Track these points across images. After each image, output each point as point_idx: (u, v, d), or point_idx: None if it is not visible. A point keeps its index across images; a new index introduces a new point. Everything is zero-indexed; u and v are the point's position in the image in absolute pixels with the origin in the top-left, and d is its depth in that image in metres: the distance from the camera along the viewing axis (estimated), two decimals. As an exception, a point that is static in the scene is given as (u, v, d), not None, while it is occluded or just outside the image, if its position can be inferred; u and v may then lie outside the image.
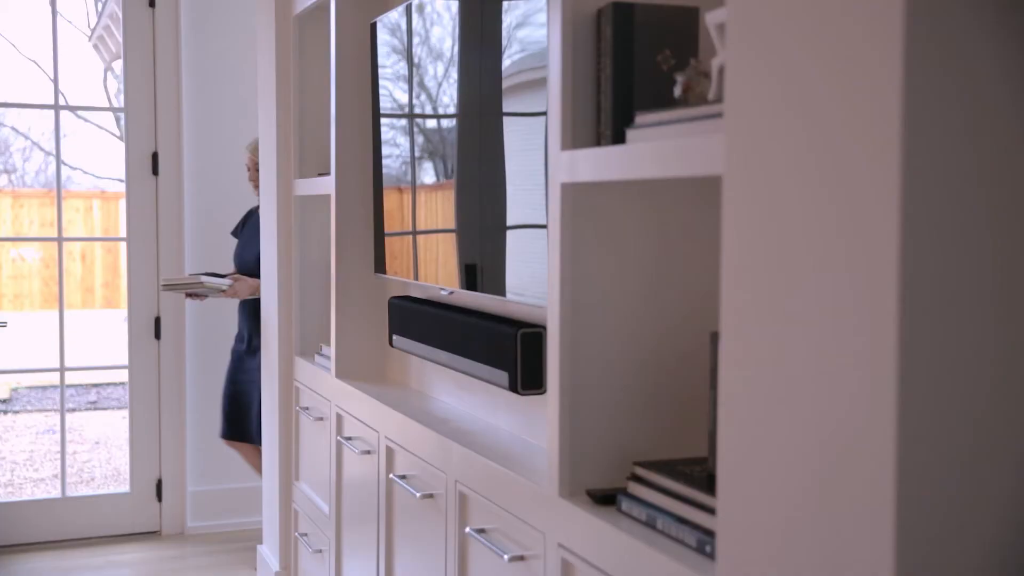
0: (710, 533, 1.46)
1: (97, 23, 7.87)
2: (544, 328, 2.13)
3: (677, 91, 1.57)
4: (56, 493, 5.99)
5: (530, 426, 2.27)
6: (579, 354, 1.77)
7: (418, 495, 2.38)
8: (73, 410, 8.71)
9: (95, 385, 9.25)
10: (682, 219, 1.81)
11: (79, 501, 4.66)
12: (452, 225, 2.51)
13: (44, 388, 9.21)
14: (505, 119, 2.21)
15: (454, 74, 2.47)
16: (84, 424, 8.04)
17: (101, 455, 7.06)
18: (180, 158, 4.57)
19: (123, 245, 4.62)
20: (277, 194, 3.62)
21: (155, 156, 4.58)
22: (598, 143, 1.74)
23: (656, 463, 1.67)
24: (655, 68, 1.70)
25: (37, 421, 8.07)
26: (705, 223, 1.82)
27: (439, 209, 2.60)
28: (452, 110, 2.50)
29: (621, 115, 1.69)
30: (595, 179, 1.66)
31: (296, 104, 3.53)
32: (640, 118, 1.59)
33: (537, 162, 2.07)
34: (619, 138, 1.68)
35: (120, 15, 4.77)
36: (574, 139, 1.74)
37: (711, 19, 1.48)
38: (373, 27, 2.95)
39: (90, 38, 10.87)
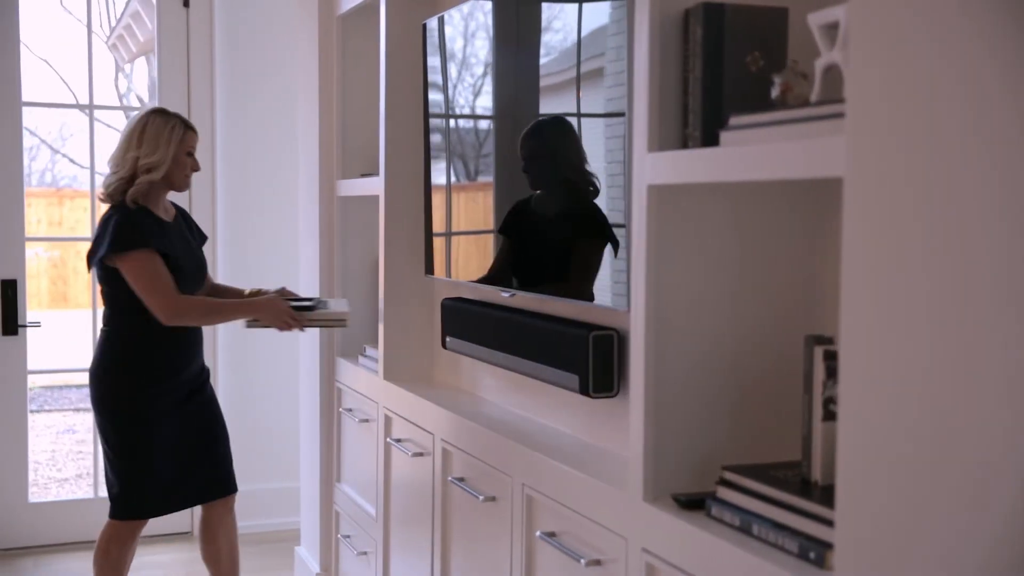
0: (812, 539, 1.45)
1: (117, 23, 7.86)
2: (615, 330, 2.11)
3: (774, 92, 1.56)
4: (87, 494, 5.99)
5: (594, 429, 2.25)
6: (663, 357, 1.76)
7: (480, 498, 2.37)
8: (90, 410, 8.70)
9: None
10: (765, 222, 1.80)
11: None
12: (513, 227, 2.50)
13: (60, 388, 9.20)
14: (573, 119, 2.20)
15: (514, 73, 2.46)
16: (103, 424, 8.03)
17: (123, 455, 7.05)
18: (213, 157, 4.56)
19: None
20: (319, 195, 3.61)
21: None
22: (684, 145, 1.72)
23: (746, 467, 1.65)
24: (744, 69, 1.69)
25: (56, 421, 8.06)
26: (788, 226, 1.80)
27: (498, 210, 2.58)
28: (516, 110, 2.49)
29: (711, 117, 1.67)
30: (685, 181, 1.65)
31: (339, 105, 3.52)
32: (735, 119, 1.57)
33: (610, 162, 2.06)
34: (709, 140, 1.67)
35: (143, 15, 4.76)
36: (660, 141, 1.73)
37: (815, 20, 1.46)
38: (424, 28, 2.94)
39: (108, 38, 10.86)
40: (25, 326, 4.40)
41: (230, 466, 3.23)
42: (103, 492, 5.30)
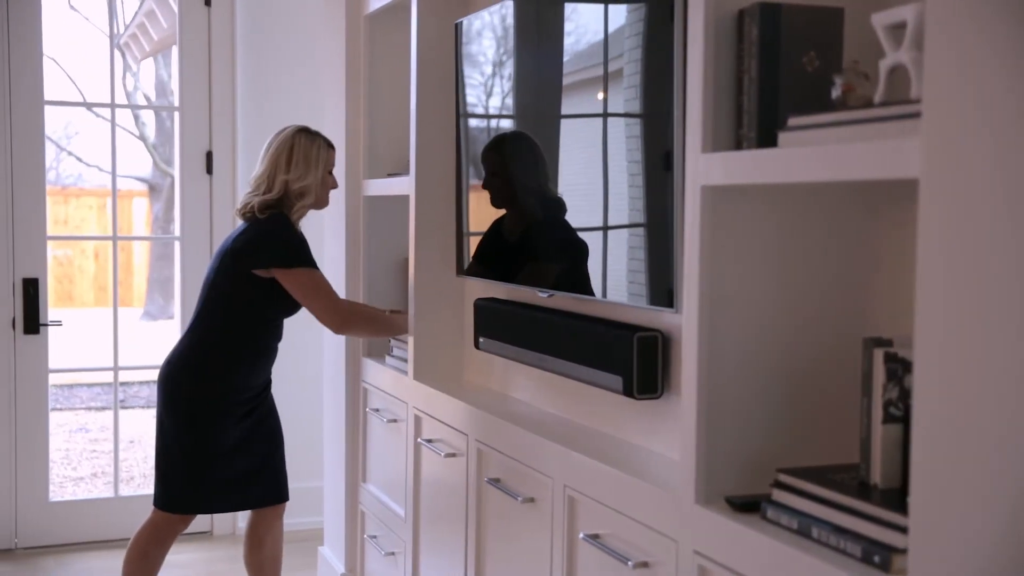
0: (876, 543, 1.44)
1: (131, 21, 7.86)
2: (659, 332, 2.10)
3: (835, 93, 1.55)
4: (103, 493, 6.00)
5: (636, 430, 2.24)
6: (715, 358, 1.75)
7: (519, 499, 2.36)
8: (102, 409, 8.70)
9: (120, 384, 9.24)
10: (815, 223, 1.79)
11: (132, 501, 4.65)
12: (550, 227, 2.49)
13: (71, 387, 9.20)
14: (610, 119, 2.19)
15: (553, 72, 2.45)
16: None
17: (137, 454, 7.04)
18: (234, 157, 4.56)
19: (136, 245, 4.61)
20: (345, 194, 3.60)
21: (209, 155, 4.57)
22: (738, 146, 1.72)
23: (802, 470, 1.64)
24: (800, 70, 1.68)
25: (67, 419, 8.05)
26: (838, 227, 1.79)
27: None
28: (550, 110, 2.48)
29: (767, 117, 1.66)
30: (742, 182, 1.64)
31: (366, 104, 3.51)
32: (794, 120, 1.56)
33: (642, 162, 2.05)
34: (765, 141, 1.65)
35: (158, 14, 4.75)
36: (714, 142, 1.72)
37: (880, 20, 1.45)
38: (457, 27, 2.93)
39: (121, 36, 10.85)
40: (47, 325, 4.40)
41: (285, 474, 3.26)
42: (124, 491, 5.33)
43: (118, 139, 4.52)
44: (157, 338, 10.85)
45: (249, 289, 3.03)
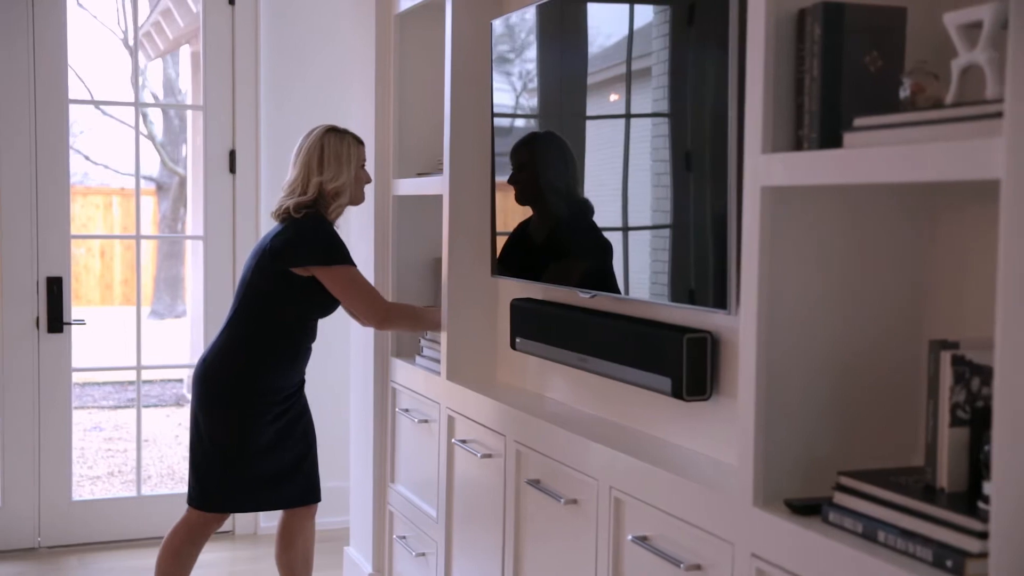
0: (947, 547, 1.42)
1: (146, 19, 7.85)
2: (709, 333, 2.09)
3: (903, 93, 1.53)
4: (120, 492, 6.00)
5: (683, 432, 2.23)
6: (774, 360, 1.74)
7: (561, 500, 2.35)
8: (116, 407, 8.71)
9: (130, 383, 9.25)
10: (876, 223, 1.78)
11: (155, 500, 4.65)
12: (587, 227, 2.48)
13: (83, 385, 9.19)
14: (662, 119, 2.18)
15: (596, 72, 2.44)
16: (128, 422, 8.03)
17: (152, 453, 7.04)
18: (257, 156, 4.55)
19: (142, 243, 4.60)
20: (375, 194, 3.59)
21: (232, 154, 4.56)
22: (798, 146, 1.70)
23: (865, 473, 1.63)
24: (863, 70, 1.67)
25: (81, 418, 8.05)
26: (899, 228, 1.78)
27: (575, 210, 2.56)
28: (591, 110, 2.47)
29: (829, 118, 1.65)
30: (805, 183, 1.63)
31: (395, 104, 3.50)
32: (860, 120, 1.55)
33: (693, 163, 2.04)
34: (827, 142, 1.64)
35: (174, 12, 4.75)
36: (774, 142, 1.71)
37: (952, 20, 1.44)
38: (491, 27, 2.92)
39: (133, 35, 10.83)
40: (70, 323, 4.39)
41: (318, 474, 3.25)
42: (146, 491, 5.33)
43: (126, 138, 4.50)
44: (167, 337, 10.89)
45: (286, 288, 3.03)
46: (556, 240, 2.63)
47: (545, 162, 2.68)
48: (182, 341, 9.88)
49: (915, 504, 1.50)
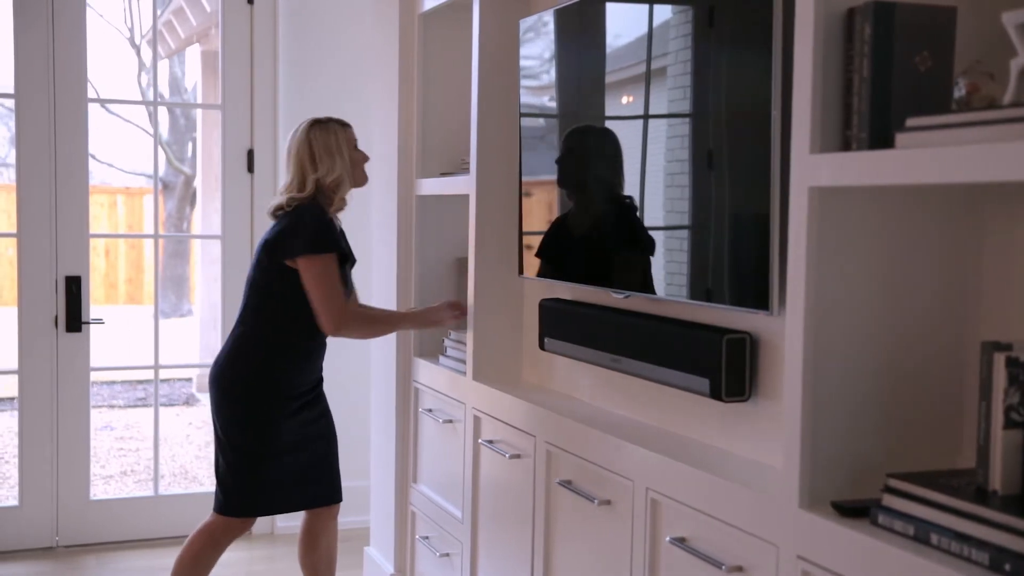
0: (1004, 550, 1.42)
1: (158, 18, 7.83)
2: (748, 334, 2.08)
3: (958, 93, 1.53)
4: (134, 491, 5.99)
5: (720, 433, 2.22)
6: (820, 361, 1.73)
7: (595, 501, 2.34)
8: (127, 407, 8.70)
9: (140, 382, 9.24)
10: (921, 224, 1.77)
11: (172, 500, 4.65)
12: (617, 228, 2.47)
13: (91, 384, 9.17)
14: (703, 119, 2.17)
15: (632, 71, 2.43)
16: (139, 421, 8.02)
17: (164, 453, 7.03)
18: (276, 155, 4.54)
19: (147, 242, 4.61)
20: (397, 194, 3.58)
21: (251, 153, 4.55)
22: (846, 147, 1.69)
23: (915, 475, 1.62)
24: (913, 70, 1.66)
25: (92, 418, 8.03)
26: (945, 228, 1.77)
27: (608, 211, 2.55)
28: (624, 110, 2.46)
29: (879, 118, 1.64)
30: (855, 184, 1.62)
31: (419, 104, 3.49)
32: (913, 121, 1.54)
33: (736, 163, 2.03)
34: (877, 142, 1.63)
35: (187, 11, 4.74)
36: (822, 143, 1.70)
37: (1011, 19, 1.43)
38: (519, 26, 2.91)
39: (140, 34, 10.89)
40: (88, 323, 4.38)
41: (339, 474, 3.23)
42: (163, 490, 5.31)
43: (130, 136, 4.49)
44: (173, 336, 10.87)
45: (282, 282, 2.99)
46: (595, 237, 2.60)
47: (594, 152, 2.62)
48: (189, 340, 9.88)
49: (969, 507, 1.49)
